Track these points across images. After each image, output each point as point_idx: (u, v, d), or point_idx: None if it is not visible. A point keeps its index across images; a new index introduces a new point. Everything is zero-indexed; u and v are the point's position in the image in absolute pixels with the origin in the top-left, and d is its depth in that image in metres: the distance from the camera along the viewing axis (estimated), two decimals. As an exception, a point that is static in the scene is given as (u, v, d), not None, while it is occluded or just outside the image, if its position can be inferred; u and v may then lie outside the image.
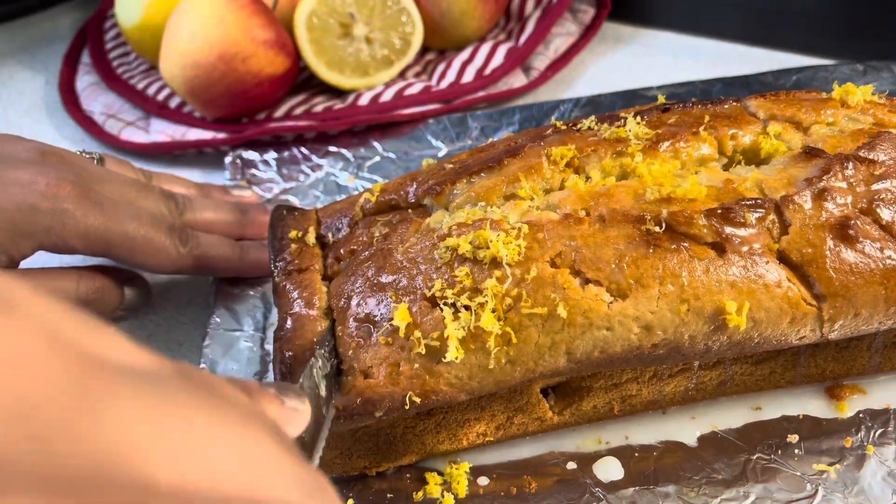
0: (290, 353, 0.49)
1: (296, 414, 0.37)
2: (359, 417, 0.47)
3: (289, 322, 0.51)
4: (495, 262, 0.47)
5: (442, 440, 0.53)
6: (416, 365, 0.47)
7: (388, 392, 0.47)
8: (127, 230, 0.59)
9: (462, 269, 0.48)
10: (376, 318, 0.48)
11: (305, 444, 0.40)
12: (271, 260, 0.55)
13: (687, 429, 0.54)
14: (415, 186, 0.55)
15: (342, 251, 0.54)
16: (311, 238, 0.56)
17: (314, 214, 0.59)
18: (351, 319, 0.49)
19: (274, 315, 0.63)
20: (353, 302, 0.50)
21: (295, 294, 0.52)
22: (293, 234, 0.57)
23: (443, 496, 0.51)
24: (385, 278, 0.50)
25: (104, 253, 0.59)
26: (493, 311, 0.46)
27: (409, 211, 0.54)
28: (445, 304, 0.47)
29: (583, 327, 0.47)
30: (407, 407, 0.47)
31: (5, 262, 0.57)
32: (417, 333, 0.47)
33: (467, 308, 0.47)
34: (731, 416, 0.55)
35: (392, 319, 0.47)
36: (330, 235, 0.56)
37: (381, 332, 0.48)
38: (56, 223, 0.57)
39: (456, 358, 0.46)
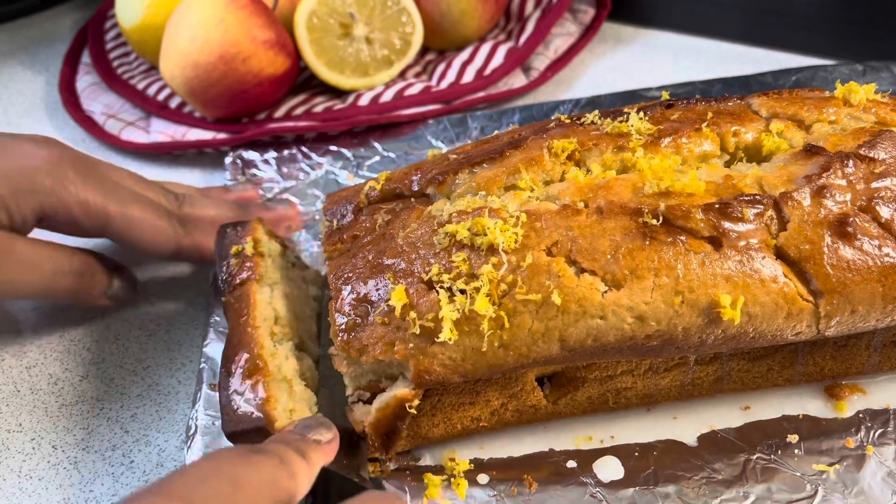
0: (222, 370, 0.51)
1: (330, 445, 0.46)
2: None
3: (230, 337, 0.53)
4: (492, 249, 0.48)
5: (437, 423, 0.53)
6: (411, 345, 0.48)
7: None
8: (126, 209, 0.60)
9: (459, 254, 0.48)
10: (374, 299, 0.49)
11: None
12: (218, 280, 0.57)
13: (676, 427, 0.54)
14: (419, 176, 0.56)
15: (345, 236, 0.55)
16: (249, 248, 0.58)
17: (256, 223, 0.60)
18: (349, 298, 0.50)
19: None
20: (352, 282, 0.51)
21: (235, 308, 0.54)
22: (234, 249, 0.58)
23: (443, 497, 0.51)
24: (385, 261, 0.51)
25: (102, 227, 0.60)
26: (488, 295, 0.47)
27: (413, 199, 0.55)
28: (442, 287, 0.48)
29: (576, 315, 0.47)
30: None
31: (5, 220, 0.57)
32: (413, 314, 0.48)
33: (463, 292, 0.47)
34: (720, 415, 0.55)
35: (389, 300, 0.48)
36: (335, 222, 0.57)
37: (378, 312, 0.49)
38: (57, 185, 0.58)
39: (449, 339, 0.47)
